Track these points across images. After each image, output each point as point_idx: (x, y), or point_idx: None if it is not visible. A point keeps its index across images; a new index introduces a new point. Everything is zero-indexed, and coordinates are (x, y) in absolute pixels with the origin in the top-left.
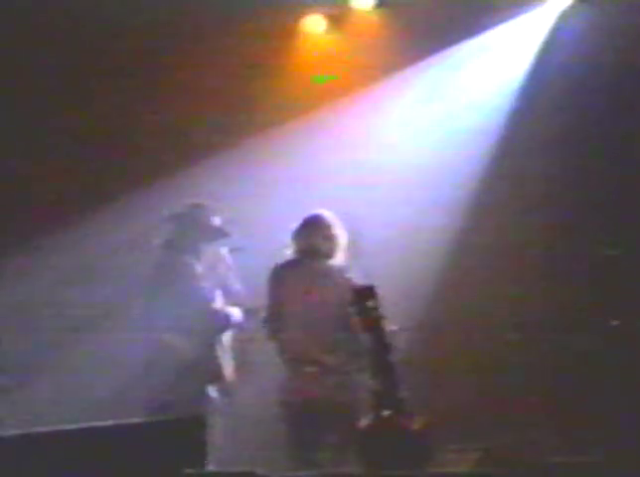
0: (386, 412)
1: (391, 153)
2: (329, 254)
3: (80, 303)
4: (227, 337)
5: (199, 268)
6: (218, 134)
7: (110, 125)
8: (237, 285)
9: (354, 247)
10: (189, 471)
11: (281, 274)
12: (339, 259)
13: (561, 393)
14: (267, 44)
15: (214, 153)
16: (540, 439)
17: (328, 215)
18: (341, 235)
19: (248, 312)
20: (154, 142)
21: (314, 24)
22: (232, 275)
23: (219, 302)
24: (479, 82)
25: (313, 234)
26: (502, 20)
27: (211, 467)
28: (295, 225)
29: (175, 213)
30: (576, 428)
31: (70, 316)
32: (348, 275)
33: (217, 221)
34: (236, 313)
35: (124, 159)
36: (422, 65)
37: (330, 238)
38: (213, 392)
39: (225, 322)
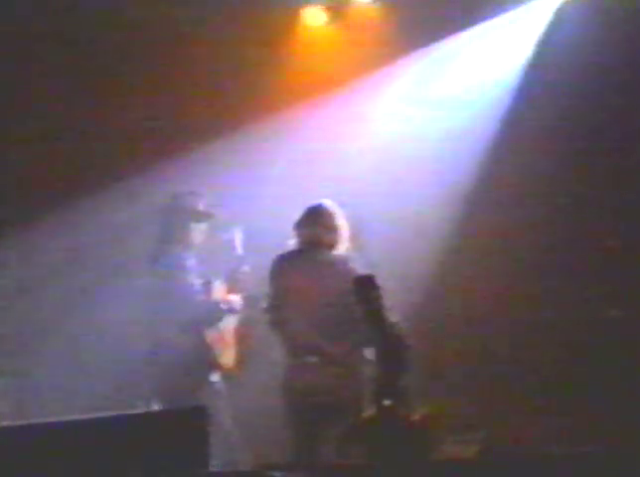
0: (387, 402)
1: (390, 144)
2: (332, 245)
3: (79, 293)
4: (228, 325)
5: (189, 260)
6: (216, 124)
7: (107, 116)
8: (244, 269)
9: (355, 238)
10: (197, 471)
11: (283, 265)
12: (342, 250)
13: (562, 384)
14: (267, 35)
15: (211, 142)
16: (540, 430)
17: (331, 205)
18: (344, 225)
19: (249, 299)
20: (150, 131)
21: (314, 16)
22: (240, 260)
23: (221, 291)
24: (478, 73)
25: (316, 224)
26: (501, 11)
27: (214, 460)
28: (298, 214)
29: (160, 206)
30: (576, 419)
31: (67, 306)
32: (351, 265)
33: (201, 205)
34: (235, 301)
35: (123, 148)
36: (420, 55)
37: (333, 229)
38: (214, 378)
39: (214, 313)
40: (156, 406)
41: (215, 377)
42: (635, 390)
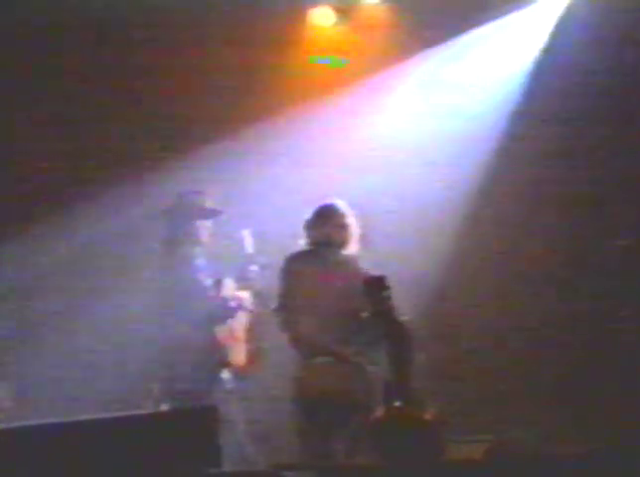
0: (397, 403)
1: (399, 143)
2: (342, 244)
3: (83, 291)
4: (238, 323)
5: (198, 258)
6: (223, 123)
7: (112, 115)
8: (254, 268)
9: (366, 238)
10: (211, 471)
11: (294, 265)
12: (352, 249)
13: (568, 384)
14: (275, 35)
15: (219, 142)
16: (547, 431)
17: (341, 204)
18: (354, 224)
19: (259, 297)
20: (155, 129)
21: (323, 16)
22: (249, 259)
23: (231, 289)
24: (486, 73)
25: (326, 223)
26: (510, 10)
27: (226, 460)
28: (308, 214)
29: (167, 206)
30: (584, 419)
31: (75, 305)
32: (361, 265)
33: (208, 203)
34: (245, 299)
35: (125, 146)
36: (429, 53)
37: (343, 228)
38: (225, 376)
39: (225, 310)
40: (165, 406)
41: (225, 374)
42: None
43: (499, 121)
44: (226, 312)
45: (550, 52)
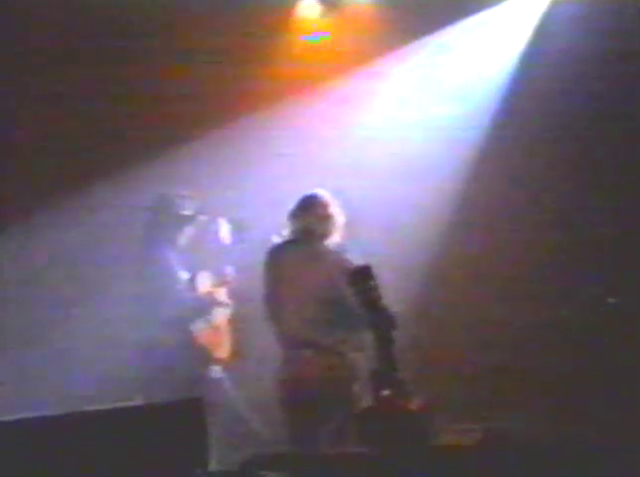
0: (384, 393)
1: (386, 138)
2: (325, 235)
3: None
4: (221, 318)
5: (174, 259)
6: (209, 117)
7: (98, 113)
8: (230, 269)
9: (351, 227)
10: (198, 471)
11: (276, 256)
12: (336, 239)
13: (560, 372)
14: (261, 28)
15: (205, 135)
16: (538, 419)
17: (324, 194)
18: (337, 214)
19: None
20: (148, 124)
21: (309, 9)
22: (223, 253)
23: (206, 284)
24: (471, 66)
25: (308, 214)
26: (496, 2)
27: (213, 455)
28: (291, 205)
29: (148, 206)
30: (576, 407)
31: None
32: (344, 255)
33: (188, 208)
34: (220, 294)
35: (120, 139)
36: (415, 47)
37: (325, 218)
38: (213, 372)
39: (197, 310)
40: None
41: (214, 370)
42: (633, 376)
43: (489, 114)
44: (199, 311)
45: (536, 45)
